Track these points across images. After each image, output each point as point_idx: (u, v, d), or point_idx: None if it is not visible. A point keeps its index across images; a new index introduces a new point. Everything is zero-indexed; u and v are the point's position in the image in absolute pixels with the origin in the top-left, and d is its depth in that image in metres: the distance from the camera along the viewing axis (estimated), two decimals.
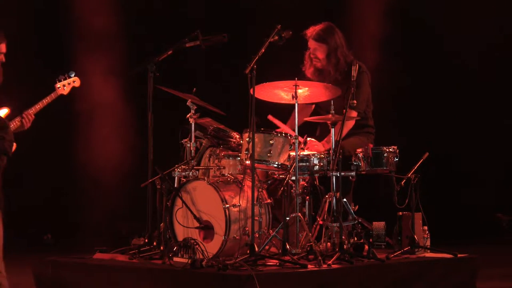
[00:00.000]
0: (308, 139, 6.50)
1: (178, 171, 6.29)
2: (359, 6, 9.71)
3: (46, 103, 6.48)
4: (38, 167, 6.48)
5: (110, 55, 9.05)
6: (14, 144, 6.17)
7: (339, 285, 5.51)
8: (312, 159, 6.20)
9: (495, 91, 10.05)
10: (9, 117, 6.33)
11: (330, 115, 6.11)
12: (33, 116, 6.40)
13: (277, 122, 6.58)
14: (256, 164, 5.93)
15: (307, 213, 6.17)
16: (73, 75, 6.64)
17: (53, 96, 6.52)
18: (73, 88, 6.65)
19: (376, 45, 9.44)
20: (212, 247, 5.85)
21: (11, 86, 6.18)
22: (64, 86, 6.60)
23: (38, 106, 6.43)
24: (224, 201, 5.94)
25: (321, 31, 6.73)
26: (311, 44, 6.76)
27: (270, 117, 6.54)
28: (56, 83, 6.58)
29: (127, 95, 9.00)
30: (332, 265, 5.60)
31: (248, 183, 6.09)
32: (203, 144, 6.48)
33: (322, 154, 6.24)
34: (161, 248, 6.05)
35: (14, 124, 6.28)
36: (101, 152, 9.47)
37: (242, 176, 6.20)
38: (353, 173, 6.18)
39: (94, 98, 8.31)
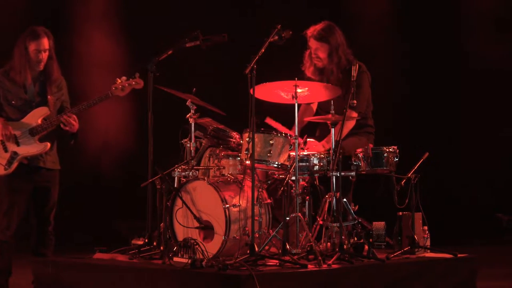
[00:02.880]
0: (308, 139, 6.50)
1: (178, 171, 6.28)
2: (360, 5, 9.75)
3: (93, 104, 6.37)
4: None
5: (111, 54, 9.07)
6: (48, 144, 6.27)
7: (339, 285, 5.51)
8: (312, 159, 6.20)
9: (495, 91, 10.06)
10: (48, 117, 6.34)
11: (330, 115, 6.10)
12: (73, 117, 6.34)
13: (275, 124, 6.56)
14: (256, 164, 5.92)
15: (307, 213, 6.17)
16: (136, 76, 6.45)
17: (103, 97, 6.37)
18: (133, 90, 6.47)
19: (376, 44, 9.46)
20: (212, 247, 5.85)
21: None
22: (123, 87, 6.42)
23: (82, 106, 6.38)
24: (224, 201, 5.94)
25: (322, 31, 6.71)
26: (312, 43, 6.74)
27: (268, 119, 6.52)
28: (114, 83, 6.44)
29: (127, 95, 8.99)
30: (332, 265, 5.60)
31: (248, 183, 6.08)
32: (203, 144, 6.47)
33: (322, 154, 6.24)
34: (161, 248, 6.05)
35: (48, 123, 6.29)
36: (101, 152, 9.48)
37: (242, 176, 6.20)
38: (353, 173, 6.18)
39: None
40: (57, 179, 6.54)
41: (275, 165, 6.08)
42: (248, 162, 6.02)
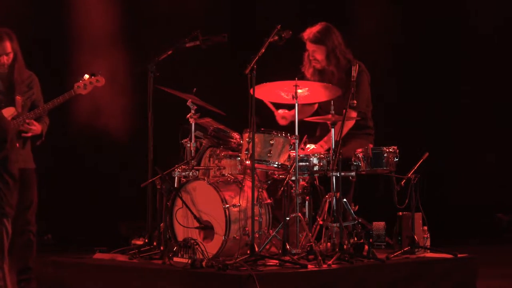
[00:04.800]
0: (308, 145, 6.48)
1: (178, 171, 6.28)
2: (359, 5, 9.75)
3: (57, 103, 6.34)
4: (38, 168, 6.47)
5: (111, 55, 9.06)
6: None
7: (339, 285, 5.51)
8: (312, 159, 6.20)
9: (495, 90, 10.06)
10: (16, 116, 6.30)
11: (330, 115, 6.11)
12: (31, 122, 6.27)
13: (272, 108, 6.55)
14: (256, 164, 5.93)
15: (307, 213, 6.17)
16: (98, 74, 6.43)
17: (66, 96, 6.31)
18: (95, 88, 6.44)
19: (376, 43, 9.46)
20: (212, 247, 5.85)
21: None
22: (85, 85, 6.38)
23: (48, 107, 6.35)
24: (224, 201, 5.94)
25: (318, 33, 6.69)
26: (309, 46, 6.73)
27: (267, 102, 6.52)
28: (77, 82, 6.39)
29: (127, 95, 9.00)
30: (332, 265, 5.60)
31: (248, 183, 6.08)
32: (203, 144, 6.48)
33: (322, 154, 6.24)
34: (161, 248, 6.05)
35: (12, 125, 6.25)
36: (101, 152, 9.47)
37: (242, 176, 6.20)
38: (353, 173, 6.18)
39: (93, 97, 8.29)
40: (30, 178, 6.43)
41: (275, 165, 6.08)
42: (248, 162, 6.02)
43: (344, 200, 6.08)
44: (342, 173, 6.05)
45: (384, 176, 6.32)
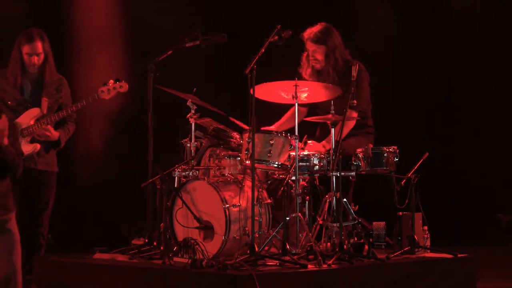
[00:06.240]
0: (308, 141, 6.49)
1: (178, 171, 6.28)
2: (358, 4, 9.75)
3: (80, 106, 6.35)
4: None
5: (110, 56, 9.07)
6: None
7: (339, 285, 5.51)
8: (312, 159, 6.20)
9: (495, 89, 10.05)
10: (40, 118, 6.30)
11: (330, 115, 6.10)
12: (47, 127, 6.28)
13: (238, 123, 6.54)
14: (256, 164, 5.92)
15: (307, 213, 6.17)
16: (122, 80, 6.44)
17: (90, 99, 6.33)
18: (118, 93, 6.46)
19: (375, 43, 9.46)
20: (212, 247, 5.85)
21: None
22: (109, 90, 6.38)
23: (71, 109, 6.35)
24: (224, 201, 5.94)
25: (319, 33, 6.69)
26: (310, 46, 6.73)
27: (231, 118, 6.52)
28: (101, 86, 6.41)
29: (127, 95, 8.99)
30: (332, 265, 5.60)
31: (248, 183, 6.08)
32: (203, 144, 6.48)
33: (322, 154, 6.24)
34: (161, 248, 6.05)
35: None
36: (101, 152, 9.47)
37: (242, 176, 6.20)
38: (353, 173, 6.18)
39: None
40: (50, 181, 6.45)
41: (275, 165, 6.08)
42: (248, 162, 6.02)
43: (344, 200, 6.08)
44: (342, 173, 6.05)
45: (384, 176, 6.31)
